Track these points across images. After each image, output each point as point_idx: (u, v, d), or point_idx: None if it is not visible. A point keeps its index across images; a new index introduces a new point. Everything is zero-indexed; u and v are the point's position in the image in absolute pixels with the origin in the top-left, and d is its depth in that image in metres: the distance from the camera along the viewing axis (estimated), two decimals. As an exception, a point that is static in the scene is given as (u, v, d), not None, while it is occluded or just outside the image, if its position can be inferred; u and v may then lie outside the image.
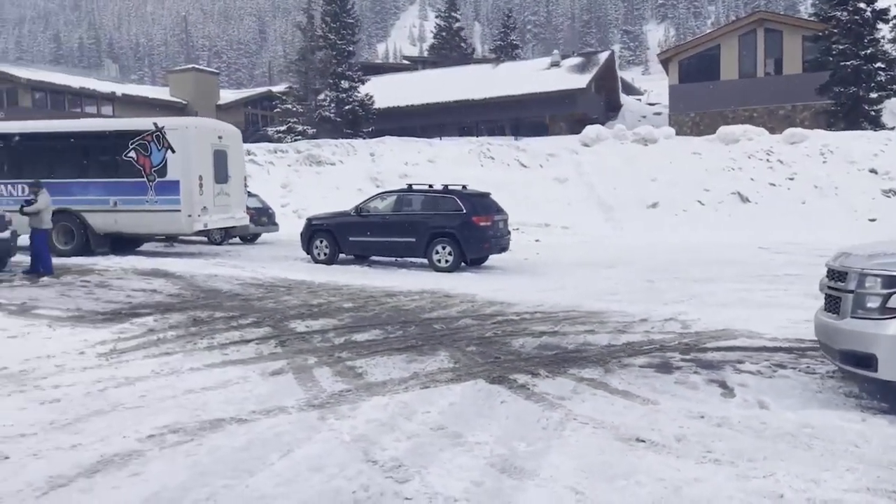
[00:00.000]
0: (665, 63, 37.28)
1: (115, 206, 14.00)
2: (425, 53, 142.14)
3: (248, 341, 6.98)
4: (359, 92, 39.72)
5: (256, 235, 18.75)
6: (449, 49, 55.44)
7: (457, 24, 55.98)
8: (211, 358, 6.31)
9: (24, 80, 39.02)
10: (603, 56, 44.25)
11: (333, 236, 13.82)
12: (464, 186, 13.79)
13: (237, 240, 18.51)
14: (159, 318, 8.00)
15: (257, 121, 52.21)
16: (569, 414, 4.79)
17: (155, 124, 14.11)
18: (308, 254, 14.12)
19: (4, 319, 7.89)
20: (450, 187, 13.48)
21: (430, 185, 13.96)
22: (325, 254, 13.85)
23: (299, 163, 25.08)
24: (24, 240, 11.78)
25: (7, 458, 3.99)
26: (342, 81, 39.49)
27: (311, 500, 3.53)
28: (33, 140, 14.82)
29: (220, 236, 17.49)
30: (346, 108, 38.87)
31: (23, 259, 11.78)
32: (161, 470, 3.85)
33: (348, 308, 8.96)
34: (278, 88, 59.60)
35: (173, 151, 13.85)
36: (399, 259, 14.09)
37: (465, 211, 12.88)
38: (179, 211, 13.87)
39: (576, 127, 33.76)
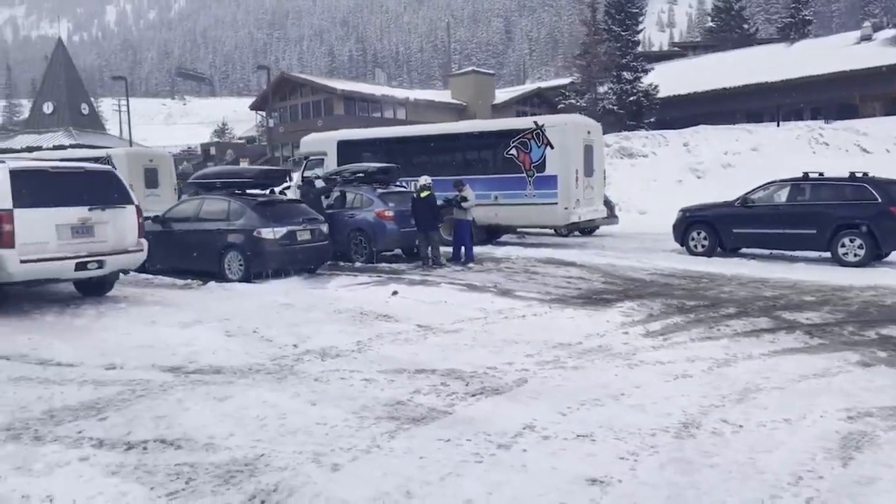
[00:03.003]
0: None
1: (496, 200, 15.09)
2: (675, 39, 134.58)
3: (769, 330, 6.94)
4: (641, 82, 38.89)
5: (595, 227, 19.06)
6: (729, 31, 51.92)
7: (738, 4, 52.08)
8: (761, 346, 6.36)
9: (339, 90, 44.34)
10: (931, 23, 38.12)
11: (714, 228, 13.49)
12: (865, 174, 12.60)
13: (576, 232, 18.97)
14: (639, 304, 8.33)
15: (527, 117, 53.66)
16: None
17: (535, 122, 14.96)
18: (682, 245, 13.95)
19: (498, 299, 8.81)
20: (856, 175, 12.40)
21: (821, 174, 12.99)
22: (703, 246, 13.56)
23: (611, 156, 25.10)
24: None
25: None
26: (624, 73, 38.95)
27: None
28: (424, 141, 16.55)
29: (567, 228, 18.05)
30: (630, 99, 38.27)
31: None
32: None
33: (813, 302, 8.57)
34: (546, 85, 60.73)
35: (552, 147, 14.55)
36: (774, 252, 13.35)
37: (880, 200, 11.74)
38: (556, 204, 14.54)
39: (892, 107, 29.54)
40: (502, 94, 54.50)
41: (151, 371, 5.63)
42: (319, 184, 13.69)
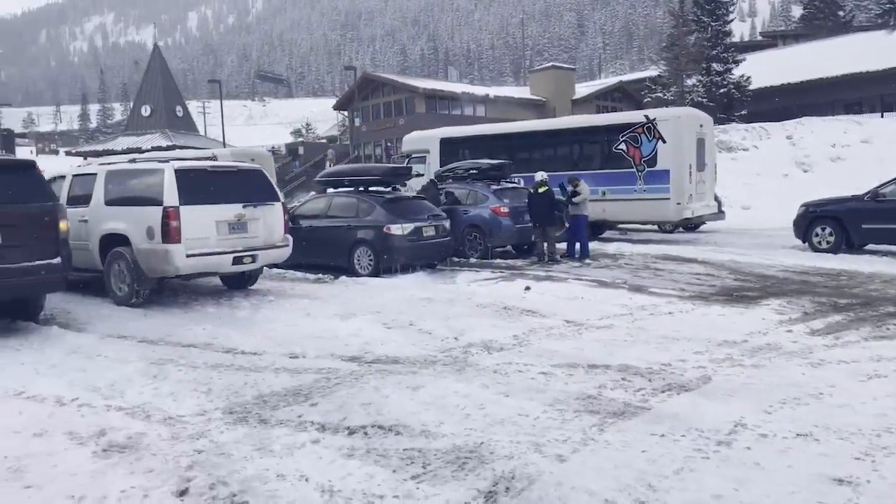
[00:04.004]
0: None
1: (604, 195, 14.92)
2: (757, 28, 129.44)
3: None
4: (732, 74, 37.63)
5: (700, 223, 18.59)
6: (822, 19, 49.57)
7: (833, -10, 49.66)
8: (943, 345, 6.07)
9: (420, 89, 44.76)
10: None
11: (840, 223, 12.93)
12: None
13: (680, 228, 18.56)
14: (787, 302, 8.08)
15: (607, 112, 52.76)
16: None
17: (646, 116, 14.72)
18: (804, 241, 13.42)
19: (635, 295, 8.73)
20: None
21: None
22: (828, 242, 13.01)
23: (708, 150, 24.43)
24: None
25: None
26: (714, 64, 37.77)
27: None
28: (529, 137, 16.57)
29: (673, 224, 17.67)
30: (721, 91, 37.08)
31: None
32: None
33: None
34: (628, 78, 59.59)
35: (664, 142, 14.29)
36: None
37: None
38: (668, 199, 14.28)
39: None
40: (582, 89, 53.74)
41: (334, 360, 5.87)
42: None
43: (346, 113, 52.93)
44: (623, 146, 14.82)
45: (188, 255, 7.89)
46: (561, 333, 6.80)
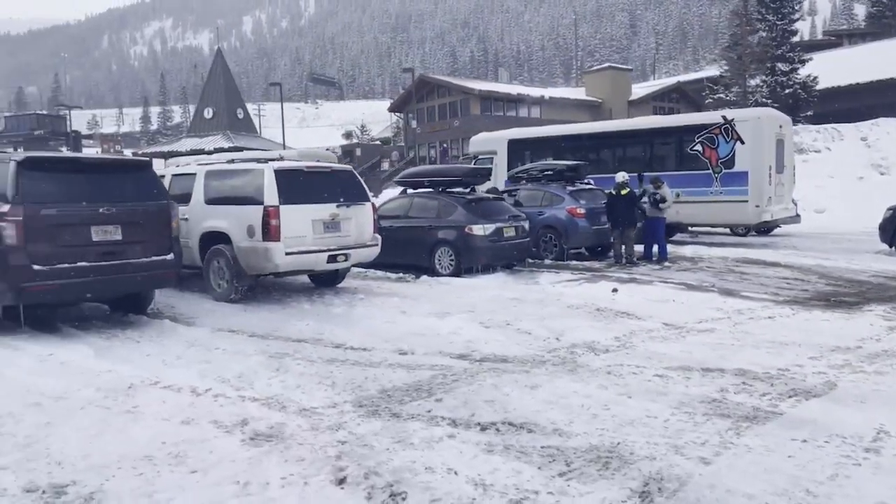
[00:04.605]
0: None
1: (678, 197, 14.66)
2: (818, 27, 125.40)
3: None
4: (798, 74, 36.59)
5: (774, 227, 18.13)
6: (891, 17, 47.76)
7: (906, -14, 47.80)
8: None
9: (476, 90, 44.88)
10: None
11: (933, 228, 12.47)
12: None
13: (752, 231, 18.13)
14: (892, 308, 7.85)
15: (664, 114, 51.91)
16: None
17: (723, 117, 14.46)
18: (891, 246, 12.98)
19: (728, 299, 8.58)
20: None
21: None
22: (918, 247, 12.58)
23: (778, 152, 23.82)
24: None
25: None
26: (779, 64, 36.79)
27: None
28: (600, 138, 16.45)
29: (745, 227, 17.28)
30: (786, 92, 36.08)
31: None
32: None
33: None
34: (686, 78, 58.53)
35: (742, 143, 14.00)
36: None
37: None
38: (747, 201, 13.99)
39: None
40: (638, 90, 53.01)
41: (443, 357, 5.95)
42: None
43: (400, 115, 53.41)
44: (699, 147, 14.58)
45: (287, 253, 8.10)
46: (663, 336, 6.74)
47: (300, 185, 8.40)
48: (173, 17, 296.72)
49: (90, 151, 62.56)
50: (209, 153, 29.70)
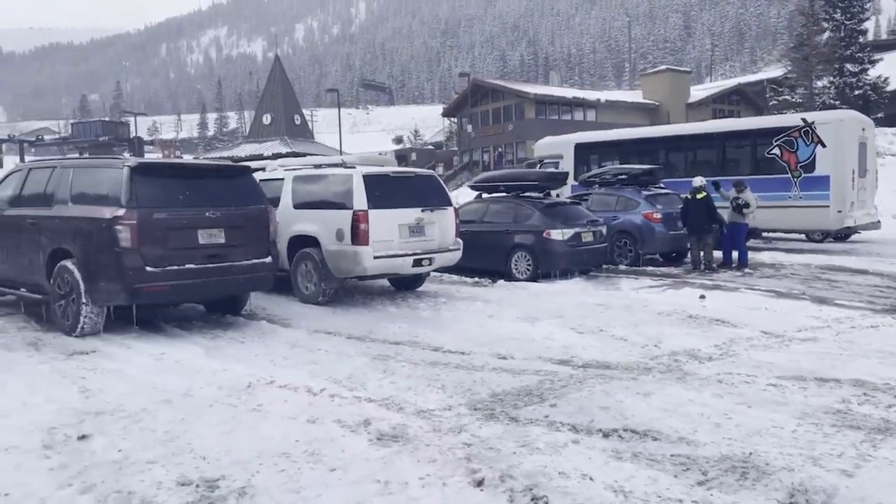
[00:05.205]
0: None
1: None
2: (882, 27, 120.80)
3: None
4: (868, 75, 35.35)
5: (851, 233, 17.51)
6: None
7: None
8: None
9: (531, 94, 44.72)
10: None
11: None
12: None
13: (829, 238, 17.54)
14: None
15: (724, 117, 50.72)
16: None
17: (804, 120, 14.07)
18: None
19: (824, 307, 8.32)
20: None
21: None
22: None
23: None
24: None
25: None
26: (847, 65, 35.60)
27: None
28: (672, 141, 16.19)
29: (822, 233, 16.75)
30: (855, 93, 34.88)
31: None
32: None
33: None
34: (747, 80, 57.14)
35: (823, 146, 13.59)
36: None
37: None
38: (828, 207, 13.57)
39: None
40: (697, 92, 51.96)
41: (544, 363, 5.93)
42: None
43: (454, 119, 53.59)
44: (776, 150, 14.20)
45: (375, 257, 8.21)
46: (765, 345, 6.58)
47: (387, 189, 8.51)
48: (228, 26, 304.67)
49: (151, 157, 64.73)
50: (269, 158, 30.35)
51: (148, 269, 6.34)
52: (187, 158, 59.83)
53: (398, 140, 75.57)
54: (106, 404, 4.70)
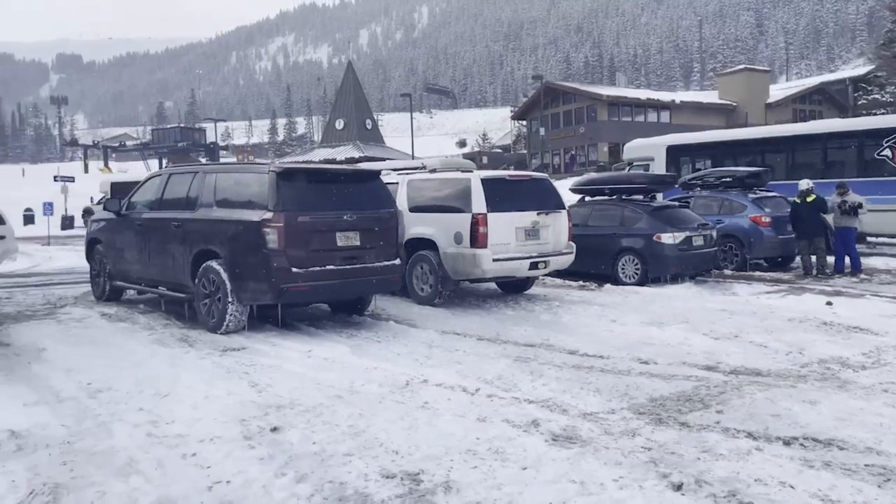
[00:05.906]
0: None
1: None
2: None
3: None
4: (970, 70, 33.53)
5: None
6: None
7: None
8: None
9: (604, 96, 44.19)
10: None
11: None
12: None
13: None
14: None
15: (805, 118, 48.90)
16: None
17: (920, 119, 13.42)
18: None
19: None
20: None
21: None
22: None
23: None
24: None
25: None
26: (946, 60, 33.84)
27: None
28: (772, 143, 15.73)
29: None
30: (955, 91, 33.13)
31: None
32: None
33: None
34: (830, 79, 54.94)
35: (941, 147, 12.94)
36: None
37: None
38: (946, 211, 12.89)
39: None
40: (776, 92, 50.28)
41: (690, 368, 5.86)
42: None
43: (523, 122, 53.44)
44: (887, 152, 13.61)
45: (494, 260, 8.28)
46: (916, 353, 6.32)
47: (504, 193, 8.57)
48: (295, 33, 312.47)
49: (225, 161, 66.89)
50: (340, 163, 30.93)
51: (294, 269, 6.58)
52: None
53: (462, 143, 75.88)
54: (280, 398, 4.90)
